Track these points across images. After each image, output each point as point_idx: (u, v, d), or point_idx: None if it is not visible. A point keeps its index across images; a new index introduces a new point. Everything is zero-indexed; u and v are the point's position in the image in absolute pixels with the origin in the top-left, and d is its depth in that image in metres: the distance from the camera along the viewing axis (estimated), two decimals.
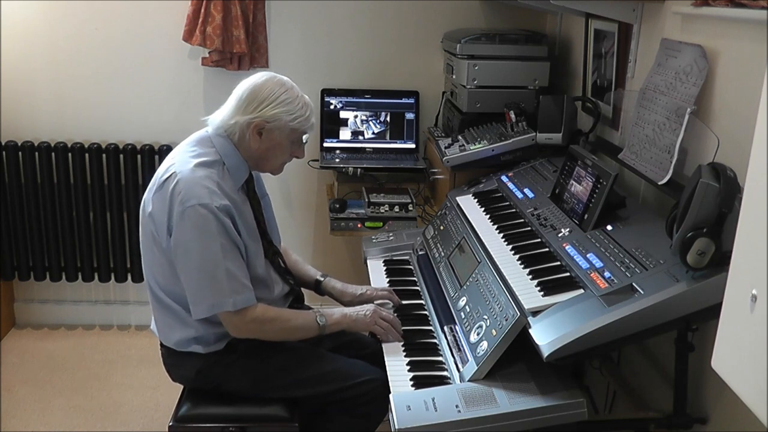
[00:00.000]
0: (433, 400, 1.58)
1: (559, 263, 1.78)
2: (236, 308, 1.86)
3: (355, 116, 3.21)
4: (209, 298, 1.85)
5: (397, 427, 1.51)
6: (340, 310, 2.03)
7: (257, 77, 1.98)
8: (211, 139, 1.97)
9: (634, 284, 1.55)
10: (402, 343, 1.94)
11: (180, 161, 1.91)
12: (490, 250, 1.98)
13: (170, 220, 1.85)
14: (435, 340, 1.94)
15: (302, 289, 2.27)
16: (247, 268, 1.93)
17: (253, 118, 1.92)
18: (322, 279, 2.28)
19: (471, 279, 1.95)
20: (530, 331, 1.58)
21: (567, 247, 1.81)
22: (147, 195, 1.95)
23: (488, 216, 2.21)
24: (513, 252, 1.92)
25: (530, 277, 1.76)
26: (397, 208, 2.84)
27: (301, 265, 2.33)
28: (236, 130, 1.94)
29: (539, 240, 1.95)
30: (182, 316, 1.96)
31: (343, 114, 3.21)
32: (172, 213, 1.85)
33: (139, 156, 3.25)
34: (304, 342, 2.08)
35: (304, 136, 2.04)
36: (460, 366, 1.74)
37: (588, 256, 1.73)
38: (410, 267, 2.42)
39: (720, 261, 1.45)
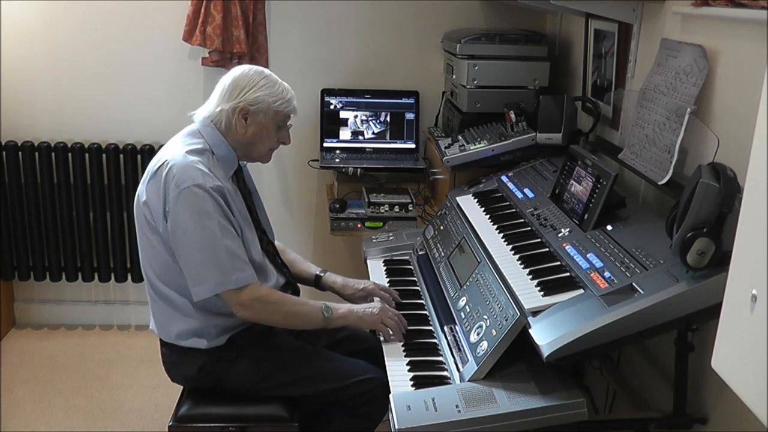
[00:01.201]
0: (433, 400, 1.58)
1: (559, 263, 1.78)
2: (239, 285, 1.88)
3: (355, 116, 3.21)
4: (212, 278, 1.87)
5: (397, 427, 1.51)
6: (347, 306, 2.04)
7: (237, 69, 2.05)
8: (199, 131, 2.01)
9: (634, 284, 1.55)
10: (402, 343, 1.94)
11: (171, 151, 1.95)
12: (490, 250, 1.98)
13: (166, 204, 1.88)
14: (435, 340, 1.94)
15: (303, 287, 2.27)
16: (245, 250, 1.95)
17: (237, 103, 1.97)
18: (321, 274, 2.29)
19: (471, 279, 1.95)
20: (530, 331, 1.58)
21: (567, 247, 1.81)
22: (140, 187, 1.98)
23: (488, 216, 2.21)
24: (513, 252, 1.92)
25: (530, 277, 1.76)
26: (397, 208, 2.84)
27: (300, 262, 2.33)
28: (222, 117, 1.99)
29: (539, 240, 1.95)
30: (182, 307, 1.96)
31: (343, 114, 3.21)
32: (167, 197, 1.87)
33: (139, 156, 3.25)
34: (304, 340, 2.08)
35: (289, 121, 2.08)
36: (460, 366, 1.74)
37: (588, 256, 1.73)
38: (410, 267, 2.42)
39: (720, 261, 1.45)
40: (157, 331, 2.06)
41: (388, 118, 3.22)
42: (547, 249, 1.89)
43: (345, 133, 3.22)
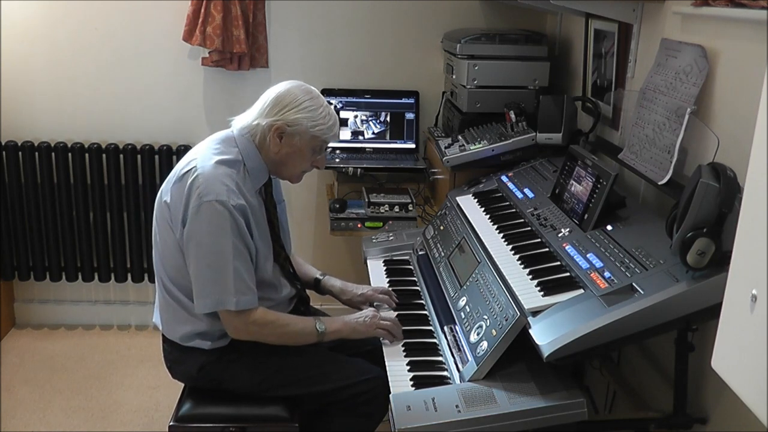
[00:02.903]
0: (433, 400, 1.58)
1: (559, 263, 1.78)
2: (238, 308, 1.87)
3: (355, 116, 3.21)
4: (214, 294, 1.86)
5: (397, 428, 1.51)
6: (340, 318, 2.03)
7: (284, 83, 2.00)
8: (235, 140, 1.98)
9: (634, 284, 1.55)
10: (402, 343, 1.94)
11: (202, 157, 1.93)
12: (490, 250, 1.98)
13: (186, 212, 1.87)
14: (435, 340, 1.94)
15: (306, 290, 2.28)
16: (255, 270, 1.94)
17: (275, 120, 1.94)
18: (321, 278, 2.30)
19: (471, 279, 1.95)
20: (530, 331, 1.58)
21: (567, 247, 1.81)
22: (165, 186, 1.97)
23: (488, 216, 2.21)
24: (513, 252, 1.92)
25: (530, 277, 1.76)
26: (397, 208, 2.84)
27: (302, 266, 2.34)
28: (258, 131, 1.96)
29: (539, 240, 1.95)
30: (191, 309, 1.96)
31: (343, 114, 3.20)
32: (188, 206, 1.86)
33: (138, 156, 3.25)
34: None
35: (327, 146, 2.05)
36: (460, 366, 1.74)
37: (588, 256, 1.73)
38: (410, 267, 2.42)
39: (720, 261, 1.45)
40: (162, 327, 2.06)
41: (388, 118, 3.22)
42: (547, 249, 1.89)
43: (345, 133, 3.21)
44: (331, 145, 3.15)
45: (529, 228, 2.05)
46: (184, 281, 1.95)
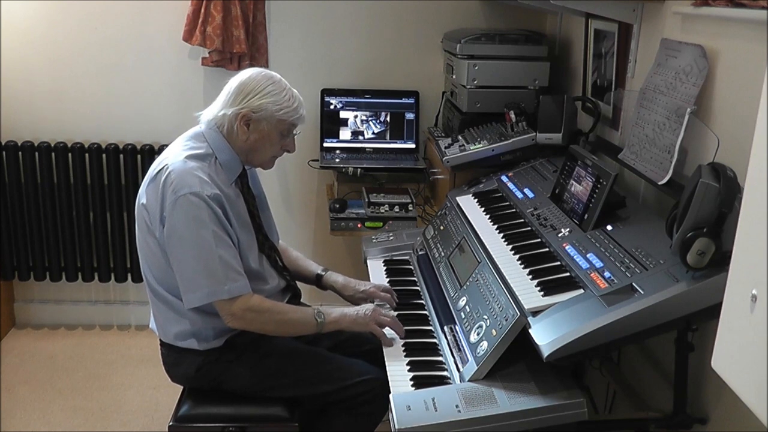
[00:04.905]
0: (433, 400, 1.58)
1: (559, 263, 1.78)
2: (231, 296, 1.87)
3: (355, 116, 3.21)
4: (204, 287, 1.86)
5: (397, 427, 1.51)
6: (339, 310, 2.03)
7: (245, 72, 2.02)
8: (204, 134, 2.00)
9: (634, 284, 1.55)
10: (402, 343, 1.94)
11: (172, 155, 1.95)
12: (490, 250, 1.98)
13: (163, 210, 1.88)
14: (435, 340, 1.94)
15: (304, 286, 2.28)
16: (240, 259, 1.94)
17: (240, 109, 1.96)
18: (323, 273, 2.29)
19: (471, 279, 1.95)
20: (530, 331, 1.58)
21: (567, 247, 1.81)
22: (141, 189, 1.99)
23: (488, 216, 2.21)
24: (513, 252, 1.92)
25: (530, 277, 1.76)
26: (397, 208, 2.84)
27: (302, 260, 2.33)
28: (225, 122, 1.98)
29: (539, 240, 1.95)
30: (180, 308, 1.96)
31: (343, 114, 3.21)
32: (164, 203, 1.87)
33: (139, 156, 3.25)
34: (303, 341, 2.08)
35: (295, 130, 2.06)
36: (460, 366, 1.74)
37: (588, 256, 1.73)
38: (410, 267, 2.42)
39: (720, 261, 1.45)
40: (157, 330, 2.06)
41: (388, 118, 3.22)
42: (547, 249, 1.89)
43: (345, 133, 3.22)
44: (331, 144, 3.18)
45: (529, 228, 2.05)
46: (169, 280, 1.95)
